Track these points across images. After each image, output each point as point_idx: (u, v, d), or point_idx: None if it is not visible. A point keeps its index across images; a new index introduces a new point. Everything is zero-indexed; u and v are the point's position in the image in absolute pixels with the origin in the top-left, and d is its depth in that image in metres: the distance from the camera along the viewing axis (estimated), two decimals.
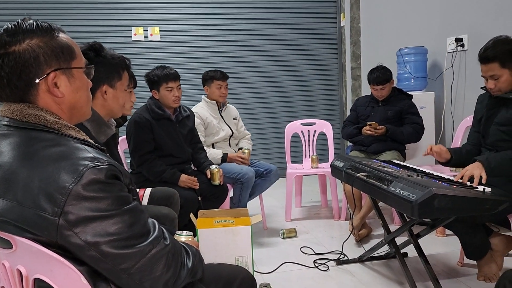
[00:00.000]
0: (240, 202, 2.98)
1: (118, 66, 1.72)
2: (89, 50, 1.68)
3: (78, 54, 1.04)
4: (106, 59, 1.70)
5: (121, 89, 1.75)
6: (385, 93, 3.22)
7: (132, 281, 0.93)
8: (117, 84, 1.72)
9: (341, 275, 2.45)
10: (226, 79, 3.26)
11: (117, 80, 1.72)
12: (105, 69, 1.68)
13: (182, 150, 2.80)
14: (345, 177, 2.30)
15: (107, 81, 1.69)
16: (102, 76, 1.68)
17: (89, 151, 0.93)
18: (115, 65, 1.71)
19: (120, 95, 1.74)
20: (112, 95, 1.71)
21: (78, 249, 0.88)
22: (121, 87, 1.75)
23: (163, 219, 2.02)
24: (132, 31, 4.88)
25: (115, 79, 1.71)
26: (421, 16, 3.95)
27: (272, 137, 5.29)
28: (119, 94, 1.74)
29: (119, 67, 1.73)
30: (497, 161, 1.98)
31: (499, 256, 2.26)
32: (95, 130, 1.65)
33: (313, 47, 5.38)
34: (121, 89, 1.74)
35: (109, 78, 1.69)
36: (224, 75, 3.25)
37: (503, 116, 2.13)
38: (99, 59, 1.67)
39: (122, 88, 1.75)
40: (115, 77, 1.71)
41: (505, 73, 2.05)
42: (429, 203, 1.64)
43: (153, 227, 0.98)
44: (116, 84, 1.72)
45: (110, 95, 1.70)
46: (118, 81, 1.72)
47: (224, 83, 3.24)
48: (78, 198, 0.86)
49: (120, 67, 1.73)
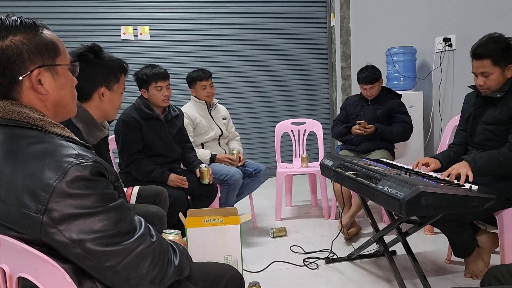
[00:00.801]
0: (227, 203, 2.98)
1: (116, 68, 1.75)
2: (89, 51, 1.70)
3: (63, 51, 1.03)
4: (104, 61, 1.72)
5: (118, 92, 1.78)
6: (375, 92, 3.24)
7: (118, 279, 0.92)
8: (115, 86, 1.75)
9: (330, 273, 2.46)
10: (209, 77, 3.23)
11: (114, 83, 1.75)
12: (104, 71, 1.71)
13: (171, 149, 2.79)
14: (334, 176, 2.31)
15: (105, 83, 1.72)
16: (100, 78, 1.70)
17: (74, 148, 0.92)
18: (113, 68, 1.74)
19: (116, 97, 1.77)
20: (109, 98, 1.74)
21: (62, 247, 0.87)
22: (118, 90, 1.78)
23: (152, 217, 2.02)
24: (121, 30, 4.85)
25: (113, 81, 1.74)
26: (410, 16, 3.98)
27: (262, 136, 5.30)
28: (115, 97, 1.77)
29: (117, 70, 1.76)
30: (484, 161, 2.00)
31: (486, 253, 2.29)
32: (86, 131, 1.66)
33: (303, 47, 5.40)
34: (117, 92, 1.78)
35: (107, 80, 1.72)
36: (206, 73, 3.23)
37: (490, 115, 2.15)
38: (98, 61, 1.70)
39: (118, 91, 1.78)
40: (113, 80, 1.74)
41: (496, 71, 2.07)
42: (416, 201, 1.65)
43: (139, 224, 0.98)
44: (114, 86, 1.75)
45: (107, 97, 1.72)
46: (116, 84, 1.75)
47: (208, 82, 3.22)
48: (62, 195, 0.85)
49: (118, 70, 1.76)
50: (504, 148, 2.03)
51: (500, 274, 1.22)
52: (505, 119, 2.07)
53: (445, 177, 1.98)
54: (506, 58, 2.05)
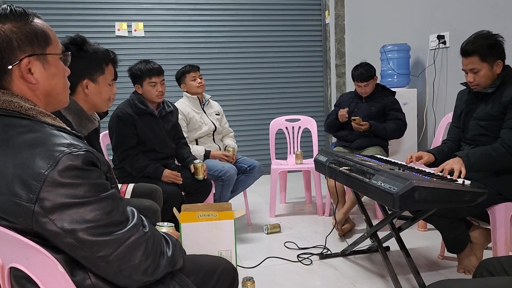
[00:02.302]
0: (221, 199, 2.98)
1: (100, 60, 1.71)
2: (71, 44, 1.67)
3: (54, 40, 1.02)
4: (88, 53, 1.68)
5: (104, 83, 1.74)
6: (369, 89, 3.25)
7: (110, 269, 0.92)
8: (100, 78, 1.71)
9: (324, 269, 2.47)
10: (197, 69, 3.24)
11: (99, 74, 1.70)
12: (87, 63, 1.67)
13: (166, 145, 2.78)
14: (328, 172, 2.32)
15: (88, 76, 1.68)
16: (83, 70, 1.67)
17: (66, 138, 0.92)
18: (98, 59, 1.70)
19: (103, 89, 1.73)
20: (95, 90, 1.70)
21: (54, 236, 0.87)
22: (104, 81, 1.73)
23: (146, 211, 2.01)
24: (115, 26, 4.82)
25: (97, 73, 1.70)
26: (404, 13, 3.99)
27: (256, 133, 5.29)
28: (102, 89, 1.73)
29: (102, 61, 1.71)
30: (477, 157, 2.01)
31: (479, 249, 2.31)
32: (76, 123, 1.64)
33: (298, 44, 5.40)
34: (104, 83, 1.73)
35: (90, 72, 1.68)
36: (193, 66, 3.24)
37: (482, 111, 2.17)
38: (81, 53, 1.66)
39: (105, 83, 1.74)
40: (97, 71, 1.70)
41: (484, 67, 2.09)
42: (409, 195, 1.66)
43: (132, 214, 0.97)
44: (99, 78, 1.70)
45: (92, 89, 1.69)
46: (101, 75, 1.71)
47: (196, 73, 3.23)
48: (54, 185, 0.84)
49: (103, 61, 1.72)
50: (496, 144, 2.04)
51: (492, 267, 1.22)
52: (497, 114, 2.09)
53: (439, 172, 1.99)
54: (493, 54, 2.08)
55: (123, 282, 0.95)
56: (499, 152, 2.00)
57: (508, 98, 2.04)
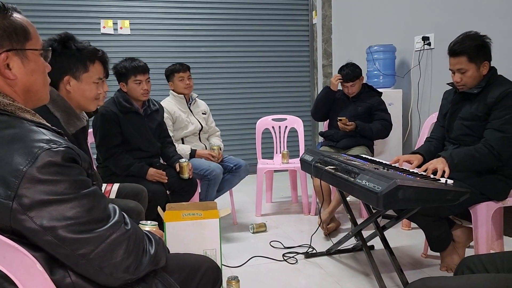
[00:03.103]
0: (207, 198, 2.96)
1: (84, 58, 1.68)
2: (54, 41, 1.65)
3: (34, 36, 1.00)
4: (71, 50, 1.66)
5: (88, 81, 1.70)
6: (356, 89, 3.27)
7: (91, 267, 0.91)
8: (83, 76, 1.68)
9: (309, 267, 2.48)
10: (186, 69, 3.22)
11: (82, 72, 1.68)
12: (69, 60, 1.65)
13: (151, 144, 2.75)
14: (314, 171, 2.32)
15: (69, 73, 1.65)
16: (64, 68, 1.65)
17: (45, 134, 0.90)
18: (81, 57, 1.68)
19: (87, 87, 1.70)
20: (77, 88, 1.67)
21: (33, 234, 0.85)
22: (88, 79, 1.70)
23: (130, 212, 1.98)
24: (101, 23, 4.77)
25: (80, 70, 1.67)
26: (390, 15, 4.03)
27: (243, 132, 5.29)
28: (85, 87, 1.69)
29: (86, 59, 1.69)
30: (460, 157, 2.04)
31: (461, 247, 2.34)
32: (64, 120, 1.62)
33: (285, 44, 5.41)
34: (87, 81, 1.70)
35: (72, 69, 1.65)
36: (183, 66, 3.22)
37: (467, 111, 2.20)
38: (64, 50, 1.64)
39: (89, 81, 1.70)
40: (80, 69, 1.67)
41: (472, 67, 2.12)
42: (393, 194, 1.67)
43: (113, 212, 0.96)
44: (82, 76, 1.68)
45: (74, 87, 1.66)
46: (84, 73, 1.68)
47: (185, 74, 3.21)
48: (32, 181, 0.83)
49: (88, 58, 1.69)
50: (479, 145, 2.07)
51: (472, 264, 1.24)
52: (481, 115, 2.12)
53: (422, 171, 2.01)
54: (481, 55, 2.11)
55: (104, 280, 0.94)
56: (482, 153, 2.03)
57: (493, 99, 2.07)
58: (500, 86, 2.09)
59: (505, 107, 2.04)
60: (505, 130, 2.03)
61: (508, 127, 2.03)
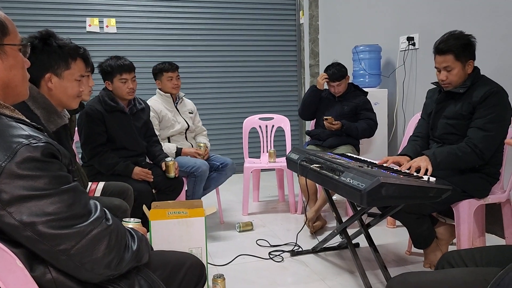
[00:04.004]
0: (194, 195, 2.96)
1: (66, 55, 1.67)
2: (35, 38, 1.63)
3: (12, 31, 0.99)
4: (52, 47, 1.64)
5: (70, 79, 1.68)
6: (342, 89, 3.30)
7: (72, 263, 0.90)
8: (65, 73, 1.66)
9: (295, 265, 2.49)
10: (175, 69, 3.21)
11: (64, 69, 1.66)
12: (50, 57, 1.63)
13: (136, 143, 2.74)
14: (300, 169, 2.34)
15: (51, 70, 1.64)
16: (45, 65, 1.63)
17: (24, 129, 0.89)
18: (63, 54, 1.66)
19: (69, 85, 1.68)
20: (59, 84, 1.65)
21: (12, 230, 0.85)
22: (70, 76, 1.68)
23: (115, 210, 1.98)
24: (86, 22, 4.73)
25: (62, 67, 1.66)
26: (375, 15, 4.07)
27: (230, 132, 5.29)
28: (67, 84, 1.68)
29: (68, 56, 1.67)
30: (443, 156, 2.06)
31: (444, 244, 2.37)
32: (44, 117, 1.60)
33: (273, 44, 5.42)
34: (69, 79, 1.68)
35: (53, 66, 1.64)
36: (172, 65, 3.21)
37: (452, 110, 2.23)
38: (45, 47, 1.63)
39: (71, 78, 1.69)
40: (61, 66, 1.65)
41: (458, 66, 2.15)
42: (377, 192, 1.69)
43: (94, 207, 0.96)
44: (64, 73, 1.66)
45: (56, 84, 1.64)
46: (66, 70, 1.67)
47: (174, 73, 3.20)
48: (11, 177, 0.82)
49: (69, 56, 1.68)
50: (462, 143, 2.10)
51: (452, 259, 1.26)
52: (466, 114, 2.15)
53: (406, 169, 2.03)
54: (466, 53, 2.14)
55: (85, 276, 0.94)
56: (465, 151, 2.06)
57: (477, 98, 2.10)
58: (485, 86, 2.12)
59: (489, 106, 2.07)
60: (488, 129, 2.06)
61: (491, 126, 2.06)
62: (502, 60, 2.75)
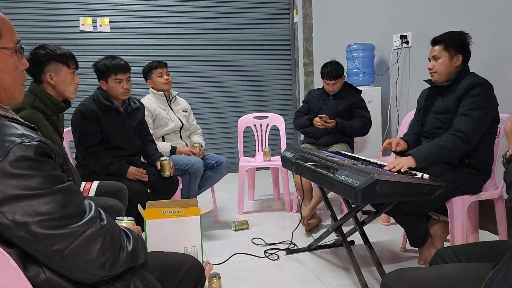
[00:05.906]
0: (189, 193, 2.96)
1: None
2: None
3: (5, 34, 0.98)
4: None
5: None
6: (337, 87, 3.31)
7: (65, 263, 0.90)
8: None
9: (291, 263, 2.49)
10: (164, 66, 3.21)
11: None
12: None
13: (131, 142, 2.73)
14: (294, 167, 2.34)
15: None
16: None
17: (18, 128, 0.89)
18: None
19: None
20: None
21: (5, 230, 0.84)
22: None
23: (110, 210, 1.97)
24: (79, 21, 4.70)
25: None
26: (369, 14, 4.08)
27: (224, 130, 5.29)
28: None
29: None
30: (427, 150, 2.07)
31: (438, 240, 2.39)
32: None
33: (267, 43, 5.42)
34: None
35: None
36: (160, 62, 3.21)
37: (440, 105, 2.26)
38: None
39: None
40: None
41: (445, 56, 2.19)
42: (371, 189, 1.70)
43: (89, 207, 0.95)
44: None
45: None
46: None
47: (163, 70, 3.19)
48: (4, 176, 0.82)
49: None
50: (446, 133, 2.11)
51: (446, 255, 1.27)
52: (452, 108, 2.18)
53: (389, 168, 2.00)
54: (456, 46, 2.18)
55: (80, 276, 0.93)
56: (447, 140, 2.06)
57: (461, 91, 2.14)
58: (468, 79, 2.16)
59: (472, 96, 2.09)
60: (471, 114, 2.07)
61: (474, 112, 2.07)
62: (493, 58, 2.77)
